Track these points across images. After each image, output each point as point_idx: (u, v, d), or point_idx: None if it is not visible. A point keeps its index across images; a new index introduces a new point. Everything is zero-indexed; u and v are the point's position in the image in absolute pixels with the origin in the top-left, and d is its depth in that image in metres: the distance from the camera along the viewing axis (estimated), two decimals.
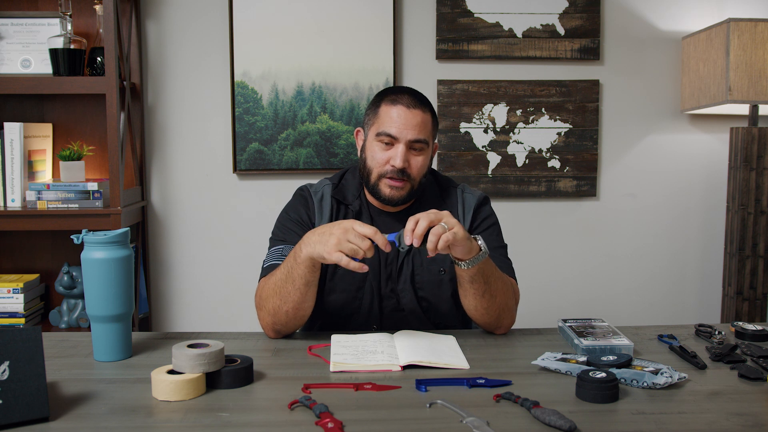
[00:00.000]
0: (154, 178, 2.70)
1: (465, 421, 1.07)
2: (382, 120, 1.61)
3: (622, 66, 2.76)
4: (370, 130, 1.64)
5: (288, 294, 1.46)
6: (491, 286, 1.49)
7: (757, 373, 1.26)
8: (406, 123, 1.58)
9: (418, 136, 1.59)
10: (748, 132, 2.49)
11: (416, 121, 1.59)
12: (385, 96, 1.64)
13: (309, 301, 1.49)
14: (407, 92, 1.64)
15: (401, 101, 1.60)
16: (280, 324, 1.50)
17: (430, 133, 1.63)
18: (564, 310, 2.73)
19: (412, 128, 1.58)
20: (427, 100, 1.66)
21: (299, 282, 1.44)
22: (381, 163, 1.60)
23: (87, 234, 1.36)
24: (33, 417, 1.07)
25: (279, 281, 1.47)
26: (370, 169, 1.63)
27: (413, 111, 1.59)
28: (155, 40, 2.65)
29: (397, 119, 1.59)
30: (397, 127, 1.58)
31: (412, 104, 1.60)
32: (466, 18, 2.68)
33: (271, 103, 2.66)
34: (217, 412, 1.12)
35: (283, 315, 1.48)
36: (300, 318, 1.50)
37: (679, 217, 2.84)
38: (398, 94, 1.62)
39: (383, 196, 1.62)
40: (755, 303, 2.52)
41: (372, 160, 1.62)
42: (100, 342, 1.37)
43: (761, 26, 2.39)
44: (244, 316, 2.67)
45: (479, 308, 1.51)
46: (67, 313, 2.47)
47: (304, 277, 1.44)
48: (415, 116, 1.59)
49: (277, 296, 1.47)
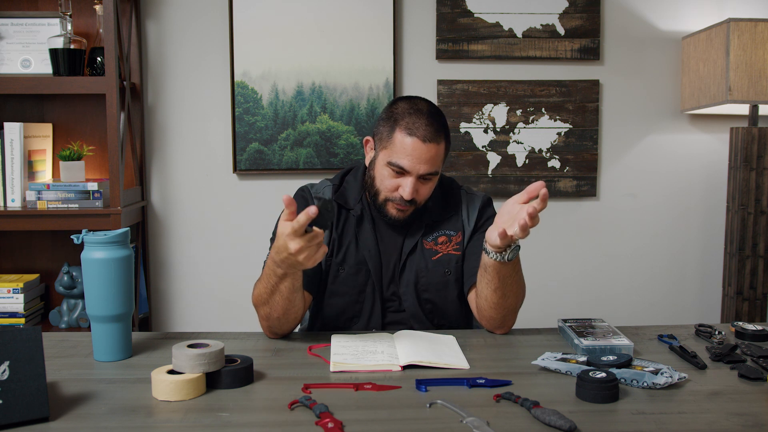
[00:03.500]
0: (154, 178, 2.70)
1: (465, 421, 1.07)
2: (395, 149, 1.56)
3: (622, 66, 2.76)
4: (382, 152, 1.59)
5: (276, 303, 1.46)
6: (505, 285, 1.48)
7: (757, 373, 1.26)
8: (420, 158, 1.54)
9: (430, 170, 1.56)
10: (748, 132, 2.49)
11: (430, 155, 1.55)
12: (401, 119, 1.56)
13: (298, 302, 1.48)
14: (424, 118, 1.55)
15: (417, 133, 1.54)
16: (275, 327, 1.51)
17: (441, 161, 1.60)
18: (564, 310, 2.73)
19: (425, 162, 1.55)
20: (443, 124, 1.59)
21: (286, 292, 1.44)
22: (390, 189, 1.59)
23: (87, 234, 1.36)
24: (33, 417, 1.07)
25: (265, 293, 1.46)
26: (377, 190, 1.61)
27: (428, 145, 1.54)
28: (155, 40, 2.65)
29: (411, 153, 1.54)
30: (410, 162, 1.54)
31: (429, 137, 1.54)
32: (466, 18, 2.68)
33: (271, 103, 2.66)
34: (217, 412, 1.12)
35: (275, 320, 1.49)
36: (293, 320, 1.50)
37: (679, 217, 2.84)
38: (415, 121, 1.55)
39: (389, 217, 1.61)
40: (755, 303, 2.52)
41: (381, 183, 1.60)
42: (100, 342, 1.37)
43: (761, 26, 2.39)
44: (244, 316, 2.66)
45: (489, 300, 1.51)
46: (67, 313, 2.47)
47: (291, 286, 1.43)
48: (430, 150, 1.54)
49: (266, 305, 1.47)
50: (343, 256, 1.64)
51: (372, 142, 1.66)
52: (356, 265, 1.63)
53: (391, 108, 1.61)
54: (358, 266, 1.63)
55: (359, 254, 1.64)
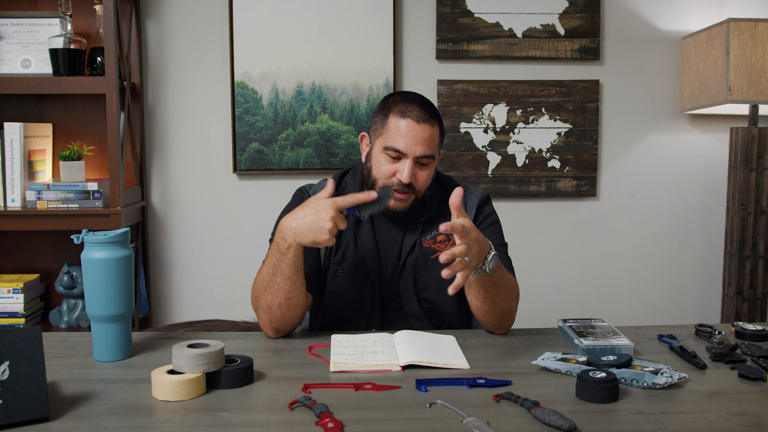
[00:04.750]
0: (154, 178, 2.70)
1: (465, 421, 1.07)
2: (390, 133, 1.57)
3: (622, 66, 2.76)
4: (377, 140, 1.61)
5: (278, 286, 1.46)
6: (491, 294, 1.48)
7: (757, 373, 1.26)
8: (415, 138, 1.55)
9: (426, 151, 1.57)
10: (748, 132, 2.49)
11: (425, 136, 1.56)
12: (394, 106, 1.60)
13: (300, 288, 1.48)
14: (417, 103, 1.59)
15: (411, 114, 1.56)
16: (276, 320, 1.50)
17: (437, 146, 1.61)
18: (564, 310, 2.73)
19: (421, 143, 1.56)
20: (436, 111, 1.62)
21: (288, 271, 1.45)
22: (387, 175, 1.59)
23: (87, 234, 1.36)
24: (33, 417, 1.07)
25: (267, 276, 1.47)
26: (375, 180, 1.61)
27: (422, 126, 1.56)
28: (155, 40, 2.65)
29: (406, 134, 1.56)
30: (405, 143, 1.56)
31: (422, 118, 1.57)
32: (466, 18, 2.68)
33: (271, 103, 2.66)
34: (217, 412, 1.12)
35: (277, 309, 1.48)
36: (294, 309, 1.49)
37: (679, 217, 2.84)
38: (408, 106, 1.58)
39: (388, 208, 1.61)
40: (755, 303, 2.52)
41: (378, 171, 1.60)
42: (100, 342, 1.37)
43: (761, 26, 2.39)
44: (244, 316, 2.66)
45: (480, 309, 1.51)
46: (67, 313, 2.47)
47: (293, 264, 1.44)
48: (424, 131, 1.56)
49: (267, 291, 1.47)
50: (342, 255, 1.64)
51: (367, 137, 1.68)
52: (355, 264, 1.63)
53: (384, 101, 1.65)
54: (357, 266, 1.63)
55: (358, 254, 1.64)
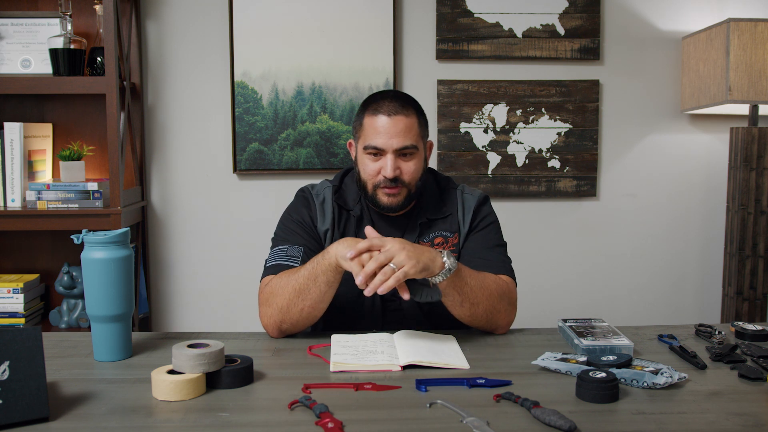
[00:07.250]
0: (154, 178, 2.70)
1: (465, 421, 1.07)
2: (366, 132, 1.60)
3: (622, 66, 2.76)
4: (359, 143, 1.64)
5: (309, 292, 1.46)
6: (468, 296, 1.47)
7: (757, 373, 1.26)
8: (390, 132, 1.56)
9: (404, 143, 1.57)
10: (748, 132, 2.49)
11: (399, 127, 1.57)
12: (367, 106, 1.62)
13: (326, 302, 1.49)
14: (388, 97, 1.61)
15: (382, 110, 1.58)
16: (289, 322, 1.50)
17: (417, 135, 1.61)
18: (564, 310, 2.73)
19: (396, 136, 1.56)
20: (411, 101, 1.63)
21: (324, 285, 1.45)
22: (373, 174, 1.60)
23: (87, 234, 1.36)
24: (33, 417, 1.07)
25: (301, 278, 1.47)
26: (364, 182, 1.63)
27: (395, 118, 1.57)
28: (155, 40, 2.65)
29: (381, 130, 1.57)
30: (381, 139, 1.57)
31: (393, 110, 1.57)
32: (466, 18, 2.68)
33: (271, 103, 2.66)
34: (217, 412, 1.12)
35: (296, 312, 1.48)
36: (313, 318, 1.50)
37: (679, 217, 2.84)
38: (379, 102, 1.60)
39: (381, 205, 1.62)
40: (755, 303, 2.52)
41: (364, 173, 1.62)
42: (100, 342, 1.37)
43: (761, 26, 2.39)
44: (244, 316, 2.67)
45: (463, 316, 1.51)
46: (67, 313, 2.47)
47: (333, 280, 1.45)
48: (398, 123, 1.57)
49: (294, 293, 1.47)
50: None
51: (354, 144, 1.70)
52: None
53: (361, 104, 1.67)
54: None
55: None
